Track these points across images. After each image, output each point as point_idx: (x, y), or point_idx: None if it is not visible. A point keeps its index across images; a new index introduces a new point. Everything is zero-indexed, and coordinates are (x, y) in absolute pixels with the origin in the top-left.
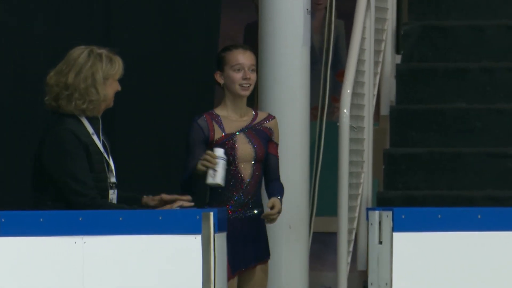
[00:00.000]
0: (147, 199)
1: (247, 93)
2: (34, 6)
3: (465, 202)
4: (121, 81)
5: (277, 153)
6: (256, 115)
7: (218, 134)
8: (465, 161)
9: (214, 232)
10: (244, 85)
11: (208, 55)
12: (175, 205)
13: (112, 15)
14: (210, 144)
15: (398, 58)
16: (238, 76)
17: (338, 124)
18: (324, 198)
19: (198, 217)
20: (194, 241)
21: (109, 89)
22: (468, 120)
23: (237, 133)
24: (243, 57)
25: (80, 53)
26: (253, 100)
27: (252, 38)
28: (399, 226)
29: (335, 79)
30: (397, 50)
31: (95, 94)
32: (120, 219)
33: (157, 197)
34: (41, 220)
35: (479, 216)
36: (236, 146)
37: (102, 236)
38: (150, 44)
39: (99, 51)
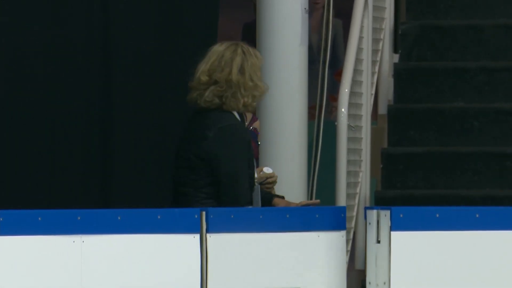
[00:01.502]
0: (278, 201)
1: None
2: (31, 5)
3: (463, 202)
4: (120, 80)
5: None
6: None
7: None
8: (463, 161)
9: (206, 232)
10: None
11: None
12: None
13: (110, 14)
14: None
15: (396, 57)
16: None
17: (336, 123)
18: (322, 197)
19: (196, 216)
20: (192, 240)
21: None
22: (466, 120)
23: None
24: None
25: (233, 50)
26: None
27: (250, 38)
28: (397, 225)
29: (333, 78)
30: (395, 49)
31: (260, 89)
32: (119, 218)
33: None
34: (40, 219)
35: (477, 216)
36: None
37: (101, 235)
38: (148, 43)
39: (246, 46)
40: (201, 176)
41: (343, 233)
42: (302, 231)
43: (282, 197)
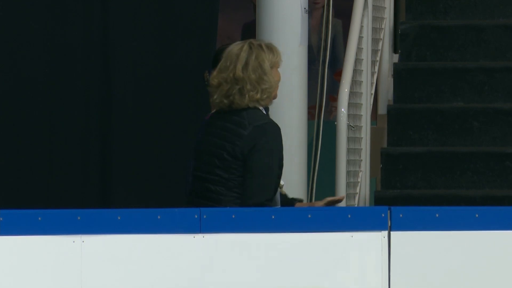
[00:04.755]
0: (300, 204)
1: None
2: (31, 5)
3: (463, 202)
4: (119, 81)
5: None
6: None
7: None
8: (463, 161)
9: (200, 231)
10: None
11: (206, 54)
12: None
13: (109, 14)
14: None
15: (396, 57)
16: None
17: (336, 123)
18: (322, 197)
19: (196, 216)
20: (192, 240)
21: (276, 77)
22: (466, 120)
23: None
24: None
25: (240, 47)
26: None
27: (250, 38)
28: (397, 225)
29: (333, 78)
30: (395, 49)
31: (267, 82)
32: (119, 218)
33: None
34: (40, 219)
35: (476, 215)
36: None
37: (101, 235)
38: (148, 44)
39: (257, 42)
40: (234, 176)
41: (384, 233)
42: (333, 231)
43: (301, 200)
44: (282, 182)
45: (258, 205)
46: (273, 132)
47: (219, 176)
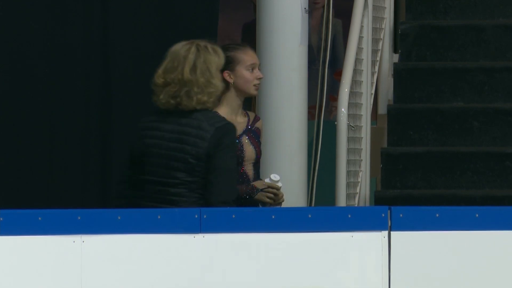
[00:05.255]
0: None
1: (257, 92)
2: (31, 5)
3: (463, 201)
4: (119, 81)
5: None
6: (248, 115)
7: None
8: (463, 160)
9: (200, 231)
10: (257, 85)
11: None
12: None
13: (109, 14)
14: None
15: (396, 57)
16: (252, 75)
17: (336, 123)
18: (322, 197)
19: (196, 216)
20: (192, 240)
21: (220, 81)
22: (466, 120)
23: (243, 135)
24: (255, 57)
25: (188, 48)
26: (250, 100)
27: (250, 38)
28: (397, 225)
29: (333, 78)
30: (395, 49)
31: (214, 85)
32: (119, 218)
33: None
34: (40, 219)
35: (476, 215)
36: (244, 149)
37: (101, 235)
38: (147, 44)
39: (203, 43)
40: (197, 178)
41: (384, 233)
42: (333, 231)
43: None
44: (277, 178)
45: (226, 203)
46: (234, 131)
47: (180, 179)
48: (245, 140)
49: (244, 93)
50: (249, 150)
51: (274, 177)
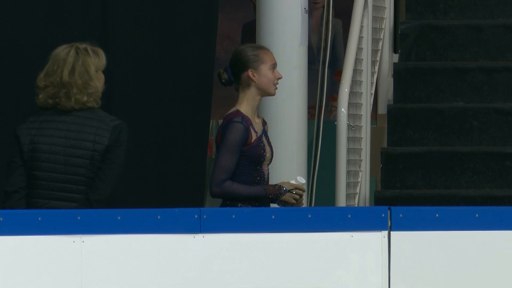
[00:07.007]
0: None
1: (275, 93)
2: (31, 5)
3: (463, 201)
4: (118, 80)
5: None
6: (251, 120)
7: (253, 136)
8: (463, 160)
9: (200, 231)
10: (276, 85)
11: (206, 54)
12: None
13: (108, 15)
14: (244, 146)
15: (396, 57)
16: (274, 75)
17: (336, 123)
18: (322, 197)
19: (196, 216)
20: (192, 240)
21: (100, 81)
22: (465, 120)
23: (262, 136)
24: (274, 57)
25: (67, 51)
26: None
27: (250, 38)
28: (397, 225)
29: (333, 78)
30: (395, 49)
31: (93, 86)
32: (119, 218)
33: None
34: (40, 219)
35: (476, 215)
36: (265, 148)
37: (101, 235)
38: (147, 44)
39: (83, 46)
40: (92, 173)
41: (384, 233)
42: (333, 231)
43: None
44: (302, 181)
45: (103, 201)
46: (126, 130)
47: (84, 176)
48: (265, 141)
49: (265, 92)
50: (268, 150)
51: (300, 179)
